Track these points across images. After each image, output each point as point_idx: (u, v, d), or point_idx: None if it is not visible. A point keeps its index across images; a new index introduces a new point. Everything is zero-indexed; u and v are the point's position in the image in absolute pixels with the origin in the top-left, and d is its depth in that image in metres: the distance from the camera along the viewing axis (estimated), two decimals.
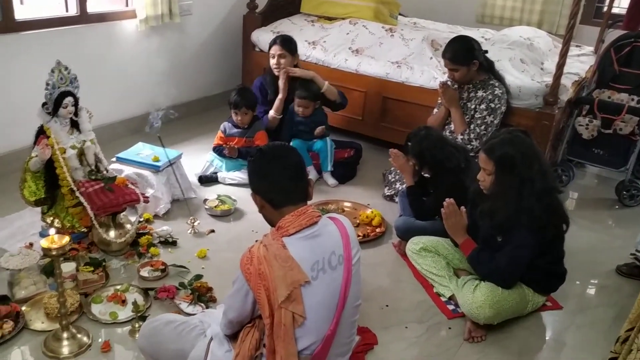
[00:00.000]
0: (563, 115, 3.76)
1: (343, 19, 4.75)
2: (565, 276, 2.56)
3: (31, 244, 2.79)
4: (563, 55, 3.35)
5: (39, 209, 2.92)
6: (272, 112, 3.86)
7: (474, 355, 2.36)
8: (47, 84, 2.65)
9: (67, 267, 2.53)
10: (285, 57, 3.79)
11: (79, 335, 2.25)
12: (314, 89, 3.75)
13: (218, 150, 3.75)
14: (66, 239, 2.05)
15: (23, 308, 2.39)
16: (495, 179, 2.38)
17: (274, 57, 3.81)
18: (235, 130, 3.74)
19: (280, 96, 3.83)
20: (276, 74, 3.83)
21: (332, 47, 4.39)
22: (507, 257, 2.36)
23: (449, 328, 2.50)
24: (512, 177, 2.32)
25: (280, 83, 3.81)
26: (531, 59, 4.00)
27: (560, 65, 3.38)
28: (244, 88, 3.82)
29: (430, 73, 3.95)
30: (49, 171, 2.78)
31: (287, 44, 3.82)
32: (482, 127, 3.36)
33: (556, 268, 2.51)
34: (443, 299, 2.66)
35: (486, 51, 3.52)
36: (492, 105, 3.36)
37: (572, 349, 2.46)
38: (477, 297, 2.39)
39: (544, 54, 4.24)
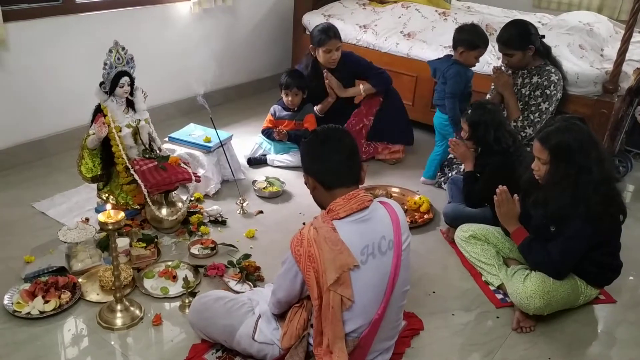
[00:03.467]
0: (623, 103, 3.62)
1: (395, 2, 4.70)
2: (620, 269, 2.47)
3: (87, 219, 2.88)
4: (626, 40, 3.22)
5: (94, 186, 3.02)
6: (317, 109, 3.82)
7: (522, 345, 2.32)
8: (105, 64, 2.71)
9: (121, 243, 2.60)
10: (339, 49, 3.66)
11: (131, 308, 2.32)
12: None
13: (267, 133, 3.77)
14: (122, 214, 2.11)
15: (79, 280, 2.49)
16: (550, 168, 2.31)
17: (329, 52, 3.63)
18: (286, 113, 3.75)
19: (330, 99, 3.78)
20: (332, 66, 3.70)
21: (384, 30, 4.35)
22: (560, 247, 2.30)
23: (497, 317, 2.47)
24: (568, 166, 2.25)
25: (330, 89, 3.73)
26: (591, 44, 3.86)
27: (623, 52, 3.26)
28: (294, 70, 3.82)
29: (484, 58, 3.85)
30: (105, 149, 2.86)
31: (337, 32, 3.66)
32: (537, 115, 3.27)
33: (611, 261, 2.43)
34: (491, 288, 2.62)
35: (543, 36, 3.40)
36: (548, 92, 3.26)
37: (623, 344, 2.39)
38: (528, 286, 2.34)
39: (604, 40, 4.08)
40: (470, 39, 3.37)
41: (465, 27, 3.44)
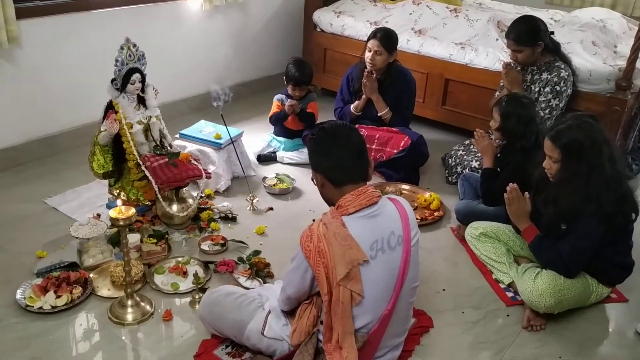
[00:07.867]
0: (636, 101, 3.59)
1: None
2: (632, 268, 2.45)
3: (99, 215, 2.90)
4: (639, 37, 3.19)
5: (106, 182, 3.04)
6: (352, 108, 3.72)
7: (532, 344, 2.31)
8: (117, 61, 2.72)
9: (132, 238, 2.62)
10: (381, 55, 3.50)
11: (142, 304, 2.34)
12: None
13: (276, 116, 3.74)
14: (133, 210, 2.12)
15: (91, 275, 2.50)
16: (561, 167, 2.29)
17: (370, 51, 3.54)
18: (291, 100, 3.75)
19: (364, 97, 3.64)
20: (369, 68, 3.58)
21: (395, 27, 4.28)
22: (571, 245, 2.29)
23: (507, 315, 2.46)
24: (580, 164, 2.23)
25: (365, 90, 3.59)
26: (604, 41, 3.82)
27: (636, 49, 3.22)
28: (301, 61, 3.75)
29: (496, 55, 3.85)
30: (117, 145, 2.87)
31: (386, 40, 3.50)
32: (547, 111, 3.25)
33: (623, 259, 2.42)
34: (502, 286, 2.61)
35: (552, 32, 3.39)
36: (558, 88, 3.25)
37: (635, 344, 2.37)
38: (538, 285, 2.33)
39: (617, 36, 4.04)
40: None
41: None
